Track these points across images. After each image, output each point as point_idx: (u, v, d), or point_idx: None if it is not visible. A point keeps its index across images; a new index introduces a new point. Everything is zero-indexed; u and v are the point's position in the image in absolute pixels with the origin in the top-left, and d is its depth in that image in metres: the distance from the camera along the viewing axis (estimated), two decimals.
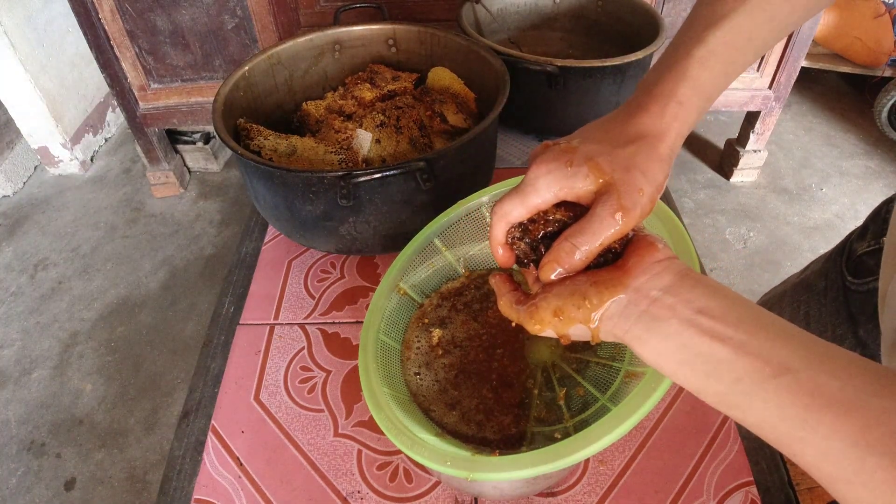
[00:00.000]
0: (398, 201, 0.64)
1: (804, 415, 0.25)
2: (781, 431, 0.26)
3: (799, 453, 0.26)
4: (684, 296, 0.31)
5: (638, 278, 0.32)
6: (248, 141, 0.72)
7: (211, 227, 1.96)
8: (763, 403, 0.26)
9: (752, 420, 0.27)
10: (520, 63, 0.82)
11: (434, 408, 0.51)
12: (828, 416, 0.24)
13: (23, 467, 1.37)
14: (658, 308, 0.31)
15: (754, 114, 1.91)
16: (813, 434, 0.25)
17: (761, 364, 0.27)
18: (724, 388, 0.28)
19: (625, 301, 0.32)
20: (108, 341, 1.62)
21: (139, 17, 1.61)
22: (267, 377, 0.64)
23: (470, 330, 0.57)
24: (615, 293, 0.33)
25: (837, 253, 0.64)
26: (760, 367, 0.27)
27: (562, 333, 0.35)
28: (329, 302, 0.71)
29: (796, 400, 0.25)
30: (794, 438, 0.26)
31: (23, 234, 1.95)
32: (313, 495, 0.54)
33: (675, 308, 0.30)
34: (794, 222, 1.95)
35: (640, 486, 0.54)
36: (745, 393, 0.27)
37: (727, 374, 0.28)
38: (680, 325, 0.30)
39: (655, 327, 0.31)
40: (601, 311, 0.33)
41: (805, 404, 0.25)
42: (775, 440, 0.27)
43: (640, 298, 0.32)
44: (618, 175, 0.35)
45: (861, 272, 0.58)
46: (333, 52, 0.86)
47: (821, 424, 0.25)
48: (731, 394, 0.28)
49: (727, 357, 0.28)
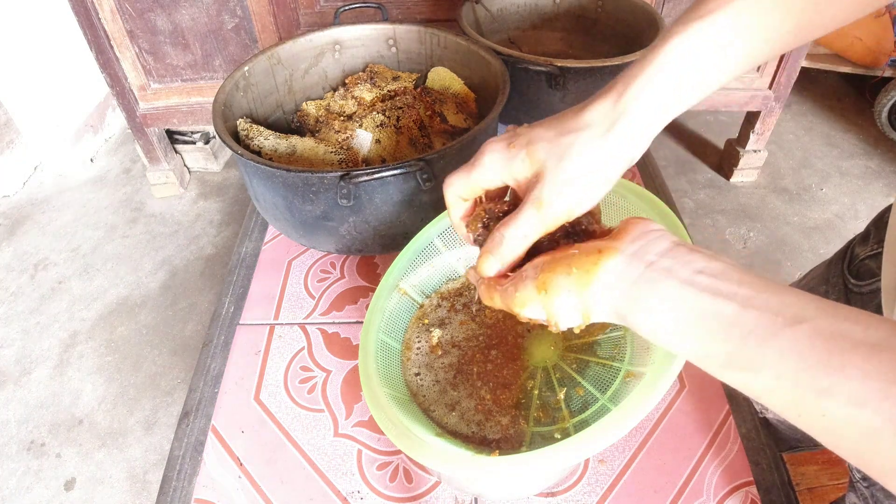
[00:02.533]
0: (398, 201, 0.64)
1: (829, 360, 0.22)
2: (804, 385, 0.23)
3: (828, 410, 0.23)
4: (682, 259, 0.29)
5: (633, 244, 0.31)
6: (248, 141, 0.72)
7: (211, 227, 1.95)
8: (779, 356, 0.24)
9: (765, 380, 0.24)
10: (520, 63, 0.82)
11: (434, 408, 0.51)
12: (856, 357, 0.22)
13: (23, 467, 1.37)
14: (655, 271, 0.29)
15: (754, 114, 1.91)
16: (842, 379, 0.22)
17: (771, 316, 0.25)
18: (732, 347, 0.25)
19: (620, 266, 0.30)
20: (108, 341, 1.62)
21: (139, 17, 1.61)
22: (267, 377, 0.64)
23: (468, 330, 0.57)
24: (609, 257, 0.30)
25: (839, 257, 0.64)
26: (771, 318, 0.25)
27: (550, 312, 0.32)
28: (329, 302, 0.71)
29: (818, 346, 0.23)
30: (821, 391, 0.23)
31: (23, 234, 1.95)
32: (313, 495, 0.54)
33: (673, 270, 0.29)
34: (794, 222, 1.95)
35: (640, 486, 0.54)
36: (758, 347, 0.24)
37: (735, 330, 0.25)
38: (680, 286, 0.28)
39: (654, 291, 0.29)
40: (593, 276, 0.30)
41: (828, 349, 0.23)
42: (795, 402, 0.24)
43: (636, 262, 0.30)
44: (549, 164, 0.33)
45: (863, 275, 0.58)
46: (333, 52, 0.86)
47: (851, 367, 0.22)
48: (741, 351, 0.25)
49: (733, 313, 0.26)
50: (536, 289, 0.32)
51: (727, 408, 0.59)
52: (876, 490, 0.49)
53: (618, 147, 0.33)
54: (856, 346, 0.22)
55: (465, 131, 0.74)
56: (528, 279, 0.33)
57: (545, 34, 1.08)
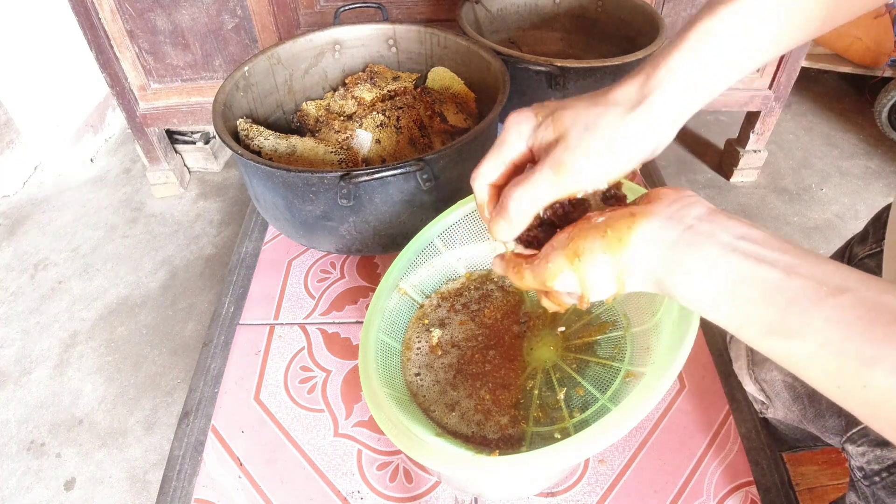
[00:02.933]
0: (398, 201, 0.64)
1: (873, 329, 0.23)
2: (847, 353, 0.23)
3: (870, 381, 0.23)
4: (721, 223, 0.28)
5: (669, 206, 0.30)
6: (248, 141, 0.72)
7: (211, 227, 1.96)
8: (823, 324, 0.24)
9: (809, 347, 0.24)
10: (520, 63, 0.82)
11: (434, 408, 0.51)
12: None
13: (23, 467, 1.37)
14: (694, 234, 0.28)
15: (754, 114, 1.92)
16: (886, 349, 0.22)
17: (815, 284, 0.25)
18: (775, 314, 0.25)
19: (656, 228, 0.29)
20: (108, 341, 1.62)
21: (139, 17, 1.61)
22: (267, 377, 0.63)
23: (468, 331, 0.56)
24: (645, 219, 0.29)
25: (837, 257, 0.64)
26: (815, 287, 0.24)
27: (583, 279, 0.31)
28: (329, 302, 0.71)
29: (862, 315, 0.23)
30: (864, 359, 0.23)
31: (23, 234, 1.95)
32: (313, 495, 0.54)
33: (715, 234, 0.28)
34: (794, 222, 1.95)
35: (640, 486, 0.54)
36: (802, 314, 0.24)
37: (778, 296, 0.25)
38: (721, 250, 0.27)
39: (694, 253, 0.28)
40: (629, 238, 0.29)
41: (872, 319, 0.23)
42: (837, 369, 0.24)
43: (674, 224, 0.29)
44: (574, 132, 0.33)
45: None
46: (333, 52, 0.86)
47: (894, 336, 0.22)
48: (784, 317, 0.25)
49: (777, 279, 0.25)
50: (568, 257, 0.31)
51: (727, 408, 0.59)
52: (877, 489, 0.49)
53: (644, 126, 0.33)
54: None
55: (465, 131, 0.74)
56: (558, 248, 0.32)
57: (545, 34, 1.08)
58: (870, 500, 0.50)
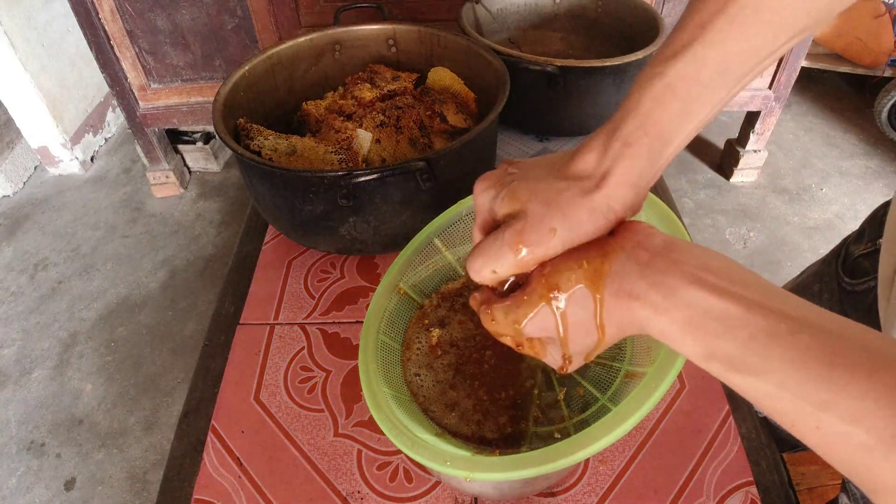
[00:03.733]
0: (398, 201, 0.64)
1: (829, 374, 0.23)
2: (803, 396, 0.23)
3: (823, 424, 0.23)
4: (683, 253, 0.29)
5: (632, 238, 0.30)
6: (248, 141, 0.72)
7: (211, 227, 1.96)
8: (781, 364, 0.24)
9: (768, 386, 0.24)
10: (520, 63, 0.82)
11: (434, 408, 0.51)
12: (857, 373, 0.22)
13: (23, 467, 1.37)
14: (660, 262, 0.28)
15: (754, 114, 1.92)
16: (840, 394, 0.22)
17: (776, 321, 0.24)
18: (736, 349, 0.25)
19: (623, 260, 0.30)
20: (108, 341, 1.62)
21: (139, 17, 1.61)
22: (267, 377, 0.64)
23: (466, 331, 0.57)
24: (616, 252, 0.30)
25: (833, 255, 0.64)
26: (776, 324, 0.24)
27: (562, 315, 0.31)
28: (329, 302, 0.71)
29: (819, 358, 0.23)
30: (819, 404, 0.23)
31: (23, 234, 1.95)
32: (313, 495, 0.54)
33: (678, 263, 0.28)
34: (794, 222, 1.95)
35: (640, 486, 0.54)
36: (762, 352, 0.24)
37: (740, 331, 0.25)
38: (685, 280, 0.27)
39: (658, 282, 0.28)
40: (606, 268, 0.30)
41: (828, 362, 0.23)
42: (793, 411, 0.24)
43: (638, 253, 0.29)
44: (533, 206, 0.32)
45: (857, 273, 0.58)
46: (333, 52, 0.86)
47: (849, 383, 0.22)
48: (745, 354, 0.25)
49: (739, 314, 0.25)
50: (544, 293, 0.31)
51: (727, 408, 0.59)
52: None
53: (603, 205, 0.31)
54: (856, 362, 0.23)
55: (465, 131, 0.74)
56: (532, 284, 0.32)
57: (545, 34, 1.08)
58: (860, 501, 0.50)
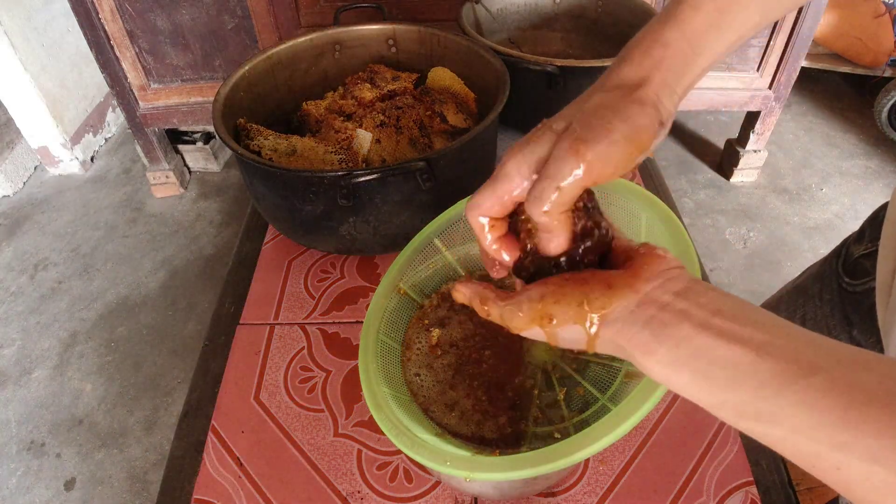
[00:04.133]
0: (398, 201, 0.64)
1: (845, 414, 0.22)
2: (819, 439, 0.23)
3: (843, 465, 0.22)
4: (697, 300, 0.28)
5: (649, 282, 0.29)
6: (248, 141, 0.72)
7: (211, 227, 1.96)
8: (794, 408, 0.23)
9: (782, 432, 0.24)
10: (520, 63, 0.82)
11: (434, 408, 0.51)
12: (873, 411, 0.22)
13: (23, 467, 1.37)
14: (668, 313, 0.28)
15: (754, 114, 1.92)
16: (859, 434, 0.22)
17: (787, 365, 0.24)
18: (746, 397, 0.25)
19: (632, 306, 0.29)
20: (108, 341, 1.62)
21: (139, 17, 1.61)
22: (267, 377, 0.64)
23: (466, 330, 0.57)
24: (624, 296, 0.29)
25: (834, 256, 0.64)
26: (786, 368, 0.24)
27: (551, 337, 0.32)
28: (329, 302, 0.71)
29: (833, 399, 0.23)
30: (837, 445, 0.22)
31: (23, 234, 1.95)
32: (313, 495, 0.54)
33: (688, 312, 0.27)
34: (794, 222, 1.95)
35: (640, 486, 0.54)
36: (773, 398, 0.24)
37: (749, 379, 0.24)
38: (693, 330, 0.27)
39: (665, 333, 0.27)
40: (605, 313, 0.29)
41: (843, 403, 0.22)
42: (812, 454, 0.23)
43: (649, 304, 0.29)
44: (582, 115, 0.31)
45: (857, 273, 0.58)
46: (333, 52, 0.86)
47: (866, 422, 0.22)
48: (755, 401, 0.24)
49: (748, 360, 0.25)
50: (539, 318, 0.31)
51: None
52: None
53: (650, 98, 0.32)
54: (871, 399, 0.22)
55: (465, 131, 0.74)
56: (532, 303, 0.31)
57: (545, 34, 1.08)
58: None
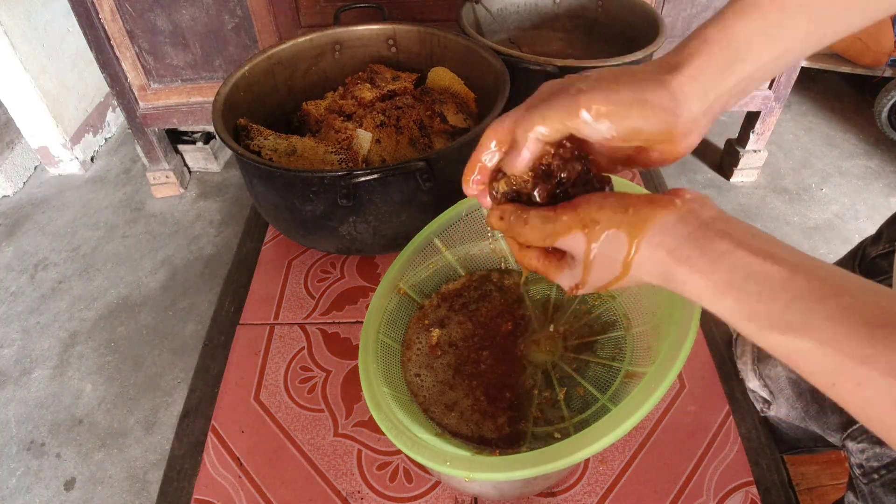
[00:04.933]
0: (398, 201, 0.64)
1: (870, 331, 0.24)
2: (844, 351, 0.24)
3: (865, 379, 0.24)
4: (735, 224, 0.30)
5: (687, 203, 0.31)
6: (248, 141, 0.72)
7: (211, 227, 1.96)
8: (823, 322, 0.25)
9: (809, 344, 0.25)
10: (520, 63, 0.82)
11: (434, 408, 0.51)
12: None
13: (23, 467, 1.37)
14: (707, 230, 0.29)
15: (754, 114, 1.91)
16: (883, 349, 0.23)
17: (819, 283, 0.26)
18: (778, 309, 0.26)
19: (675, 219, 0.30)
20: (108, 341, 1.62)
21: (139, 17, 1.61)
22: (267, 377, 0.64)
23: (465, 330, 0.57)
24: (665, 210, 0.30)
25: (849, 257, 0.65)
26: (818, 285, 0.26)
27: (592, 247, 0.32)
28: (329, 302, 0.71)
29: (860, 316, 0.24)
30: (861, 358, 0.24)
31: (23, 234, 1.95)
32: (313, 495, 0.54)
33: (727, 231, 0.29)
34: (794, 222, 1.95)
35: (640, 486, 0.54)
36: (804, 311, 0.25)
37: (783, 293, 0.26)
38: (731, 245, 0.28)
39: (705, 247, 0.29)
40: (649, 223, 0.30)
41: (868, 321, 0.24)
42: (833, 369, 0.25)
43: (690, 219, 0.30)
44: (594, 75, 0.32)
45: (874, 273, 0.59)
46: (333, 52, 0.86)
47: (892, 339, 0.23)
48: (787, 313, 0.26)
49: (782, 277, 0.26)
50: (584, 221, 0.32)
51: (727, 408, 0.59)
52: (876, 486, 0.49)
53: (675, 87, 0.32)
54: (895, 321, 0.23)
55: (465, 131, 0.74)
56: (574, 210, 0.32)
57: (545, 34, 1.08)
58: (868, 499, 0.50)
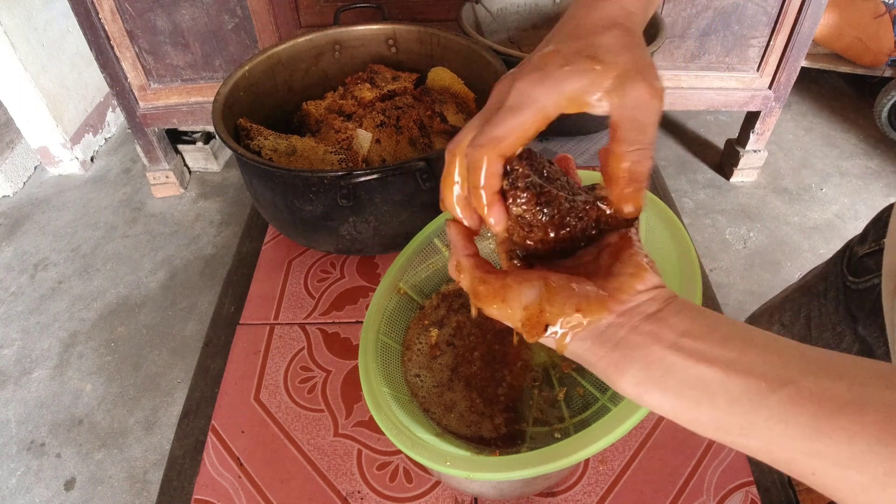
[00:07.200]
0: (398, 201, 0.64)
1: (816, 424, 0.23)
2: (793, 449, 0.24)
3: (818, 470, 0.23)
4: (668, 321, 0.28)
5: (624, 304, 0.29)
6: (248, 141, 0.72)
7: (211, 227, 1.96)
8: (766, 422, 0.24)
9: (757, 444, 0.25)
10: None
11: (434, 408, 0.51)
12: (842, 419, 0.23)
13: (23, 467, 1.37)
14: (638, 335, 0.28)
15: (754, 114, 1.91)
16: (830, 442, 0.23)
17: (756, 380, 0.25)
18: (719, 414, 0.25)
19: (603, 326, 0.29)
20: (108, 341, 1.62)
21: (139, 17, 1.61)
22: (267, 377, 0.64)
23: (467, 331, 0.57)
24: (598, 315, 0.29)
25: (838, 256, 0.65)
26: (755, 383, 0.25)
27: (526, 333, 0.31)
28: (329, 302, 0.71)
29: (803, 410, 0.23)
30: (810, 453, 0.23)
31: (23, 234, 1.95)
32: (313, 495, 0.54)
33: (657, 333, 0.28)
34: (794, 222, 1.95)
35: (640, 486, 0.54)
36: (745, 414, 0.25)
37: (721, 396, 0.25)
38: (662, 351, 0.27)
39: (634, 355, 0.27)
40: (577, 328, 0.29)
41: (813, 413, 0.23)
42: (787, 461, 0.24)
43: (621, 325, 0.29)
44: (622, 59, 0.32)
45: (861, 272, 0.59)
46: (333, 52, 0.86)
47: (836, 430, 0.23)
48: (728, 417, 0.25)
49: (717, 378, 0.25)
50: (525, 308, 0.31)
51: None
52: None
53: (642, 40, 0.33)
54: (841, 407, 0.23)
55: None
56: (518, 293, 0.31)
57: (545, 34, 1.08)
58: None
